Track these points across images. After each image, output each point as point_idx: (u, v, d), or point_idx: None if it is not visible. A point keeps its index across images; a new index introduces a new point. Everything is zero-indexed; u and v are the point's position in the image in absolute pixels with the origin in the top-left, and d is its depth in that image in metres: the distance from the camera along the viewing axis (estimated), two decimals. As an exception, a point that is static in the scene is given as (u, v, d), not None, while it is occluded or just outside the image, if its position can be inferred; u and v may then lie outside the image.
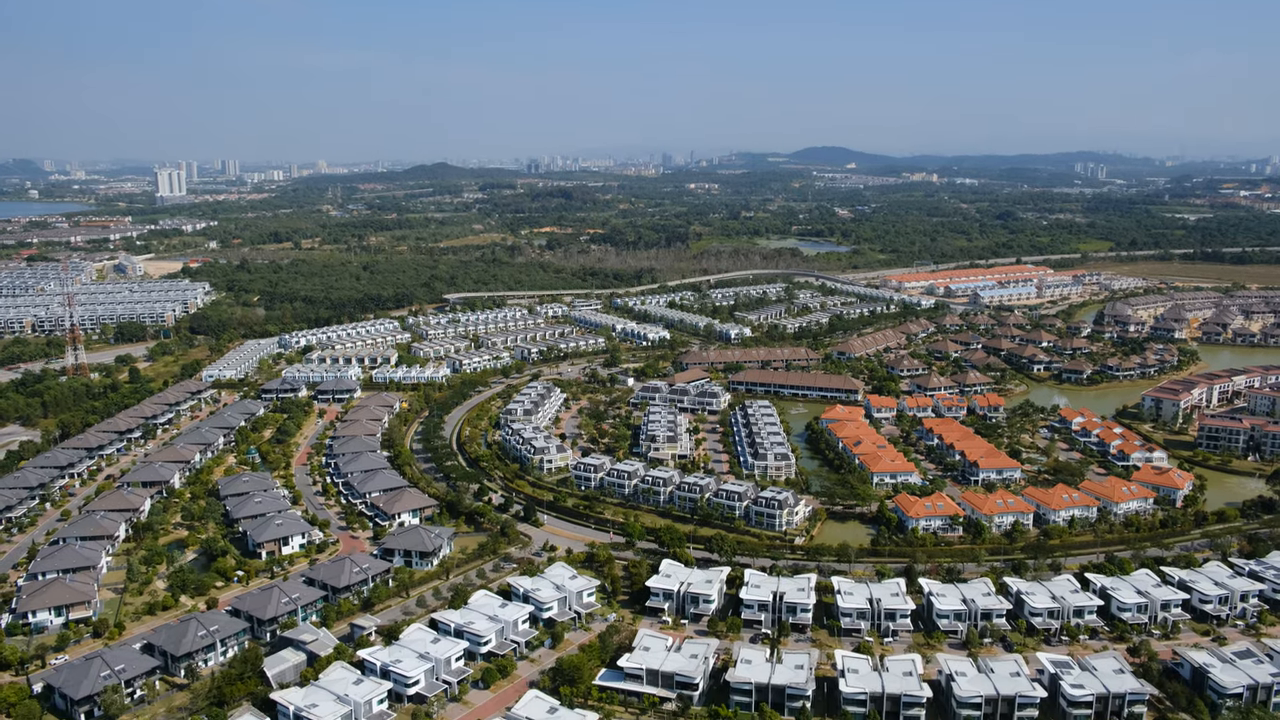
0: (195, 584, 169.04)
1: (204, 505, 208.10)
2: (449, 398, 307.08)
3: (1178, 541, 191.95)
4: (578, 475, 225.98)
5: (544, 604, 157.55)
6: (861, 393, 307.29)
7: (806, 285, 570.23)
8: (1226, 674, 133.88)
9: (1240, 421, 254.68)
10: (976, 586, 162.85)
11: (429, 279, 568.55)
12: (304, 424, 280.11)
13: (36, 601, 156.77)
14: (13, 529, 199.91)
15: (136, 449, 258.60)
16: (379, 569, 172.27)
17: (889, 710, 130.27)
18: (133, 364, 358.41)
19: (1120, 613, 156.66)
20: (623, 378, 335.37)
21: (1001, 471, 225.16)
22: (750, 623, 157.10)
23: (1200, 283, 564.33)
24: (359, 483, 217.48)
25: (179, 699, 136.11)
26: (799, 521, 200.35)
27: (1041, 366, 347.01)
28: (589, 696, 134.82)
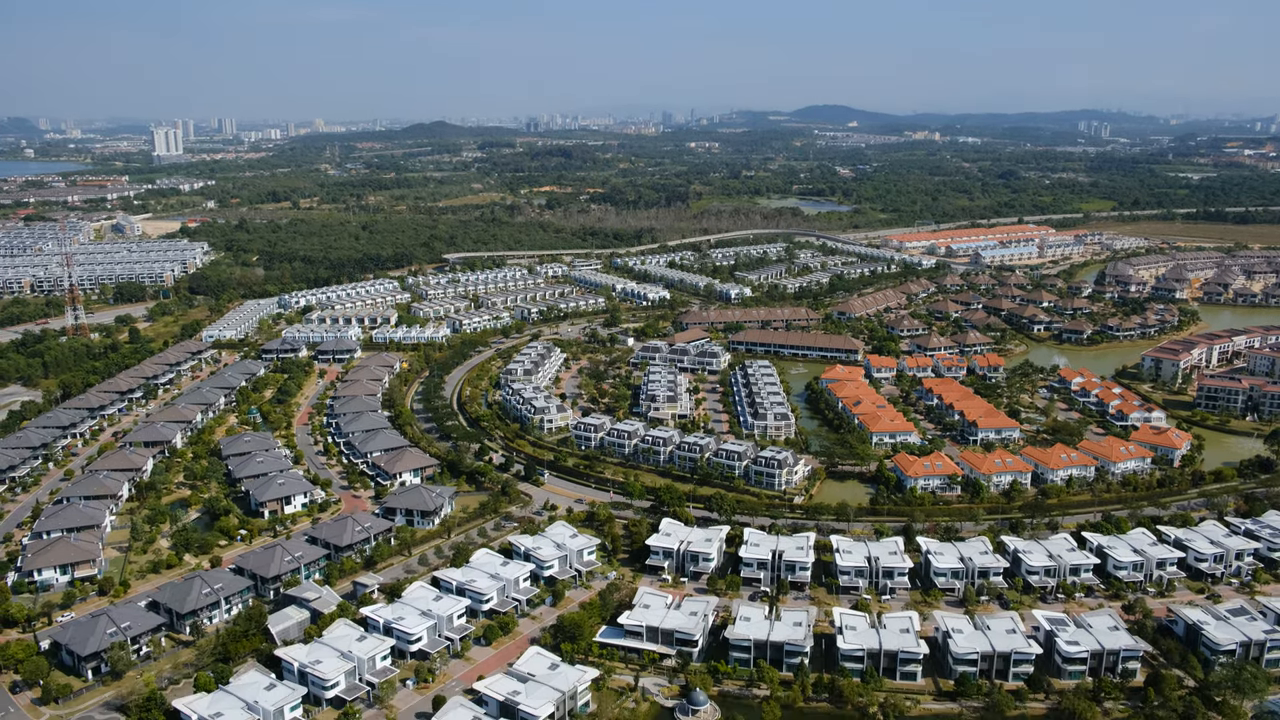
0: (199, 543, 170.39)
1: (206, 465, 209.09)
2: (449, 358, 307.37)
3: (1175, 501, 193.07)
4: (578, 435, 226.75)
5: (545, 562, 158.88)
6: (861, 353, 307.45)
7: (807, 245, 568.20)
8: (1220, 631, 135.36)
9: (1239, 382, 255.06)
10: (974, 545, 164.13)
11: (428, 239, 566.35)
12: (305, 384, 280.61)
13: (42, 560, 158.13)
14: (16, 488, 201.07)
15: (138, 409, 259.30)
16: (381, 528, 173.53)
17: (886, 667, 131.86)
18: (132, 324, 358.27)
19: (1116, 571, 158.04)
20: (623, 338, 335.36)
21: (1000, 431, 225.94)
22: (749, 581, 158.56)
23: (1203, 243, 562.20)
24: (360, 442, 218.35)
25: (185, 655, 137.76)
26: (798, 481, 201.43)
27: (1042, 326, 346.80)
28: (590, 653, 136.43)
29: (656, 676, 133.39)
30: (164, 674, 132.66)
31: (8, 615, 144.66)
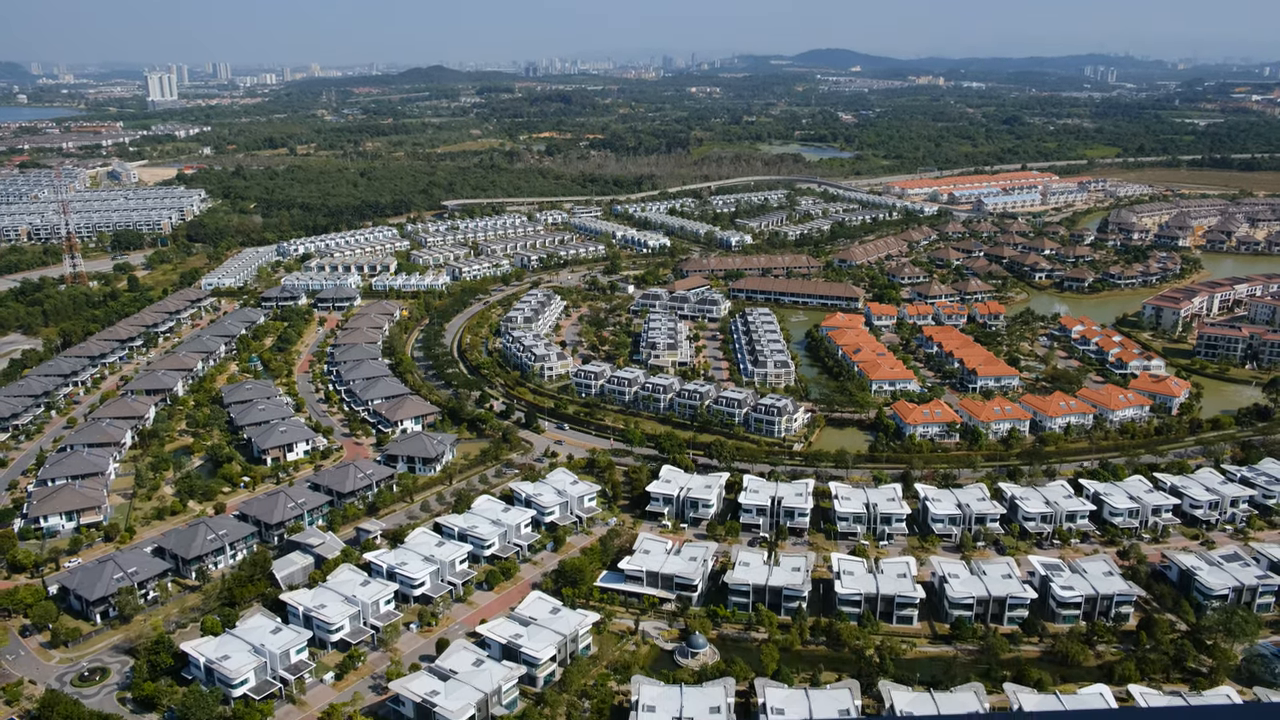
0: (203, 489, 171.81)
1: (208, 413, 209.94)
2: (449, 305, 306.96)
3: (1172, 448, 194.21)
4: (578, 382, 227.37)
5: (546, 508, 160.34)
6: (862, 300, 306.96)
7: (808, 192, 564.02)
8: (1213, 576, 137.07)
9: (1239, 330, 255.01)
10: (971, 492, 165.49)
11: (427, 185, 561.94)
12: (305, 332, 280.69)
13: (47, 506, 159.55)
14: (20, 436, 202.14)
15: (138, 357, 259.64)
16: (383, 475, 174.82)
17: (883, 611, 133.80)
18: (131, 272, 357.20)
19: (1112, 518, 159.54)
20: (623, 285, 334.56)
21: (1000, 379, 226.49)
22: (749, 526, 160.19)
23: (1207, 190, 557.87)
24: (361, 390, 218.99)
25: (191, 600, 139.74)
26: (798, 428, 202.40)
27: (1043, 274, 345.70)
28: (590, 597, 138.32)
29: (656, 620, 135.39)
30: (171, 618, 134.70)
31: (15, 561, 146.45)
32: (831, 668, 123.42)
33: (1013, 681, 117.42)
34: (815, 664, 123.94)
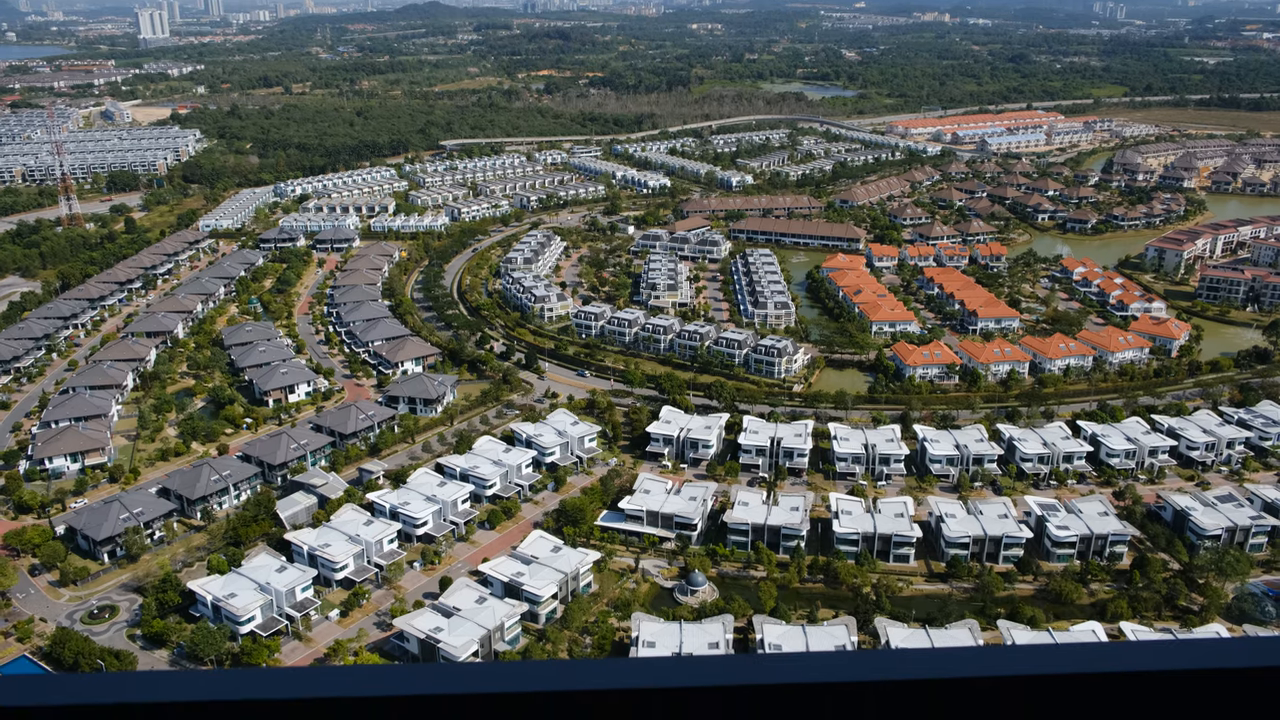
0: (205, 431, 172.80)
1: (209, 354, 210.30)
2: (448, 246, 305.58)
3: (1170, 390, 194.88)
4: (578, 323, 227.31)
5: (546, 449, 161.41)
6: (863, 241, 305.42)
7: (810, 131, 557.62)
8: (1207, 517, 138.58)
9: (1242, 272, 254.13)
10: (969, 433, 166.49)
11: (424, 125, 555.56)
12: (304, 274, 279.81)
13: (52, 448, 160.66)
14: (21, 379, 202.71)
15: (138, 299, 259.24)
16: (384, 416, 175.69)
17: (880, 549, 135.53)
18: (128, 214, 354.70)
19: (1109, 459, 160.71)
20: (623, 226, 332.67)
21: (1000, 321, 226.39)
22: (748, 467, 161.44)
23: (1214, 130, 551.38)
24: (361, 331, 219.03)
25: (197, 540, 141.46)
26: (798, 369, 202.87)
27: (1046, 216, 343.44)
28: (591, 536, 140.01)
29: (656, 559, 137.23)
30: (177, 557, 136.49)
31: (22, 502, 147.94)
32: (829, 605, 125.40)
33: (1007, 619, 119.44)
34: (813, 601, 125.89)
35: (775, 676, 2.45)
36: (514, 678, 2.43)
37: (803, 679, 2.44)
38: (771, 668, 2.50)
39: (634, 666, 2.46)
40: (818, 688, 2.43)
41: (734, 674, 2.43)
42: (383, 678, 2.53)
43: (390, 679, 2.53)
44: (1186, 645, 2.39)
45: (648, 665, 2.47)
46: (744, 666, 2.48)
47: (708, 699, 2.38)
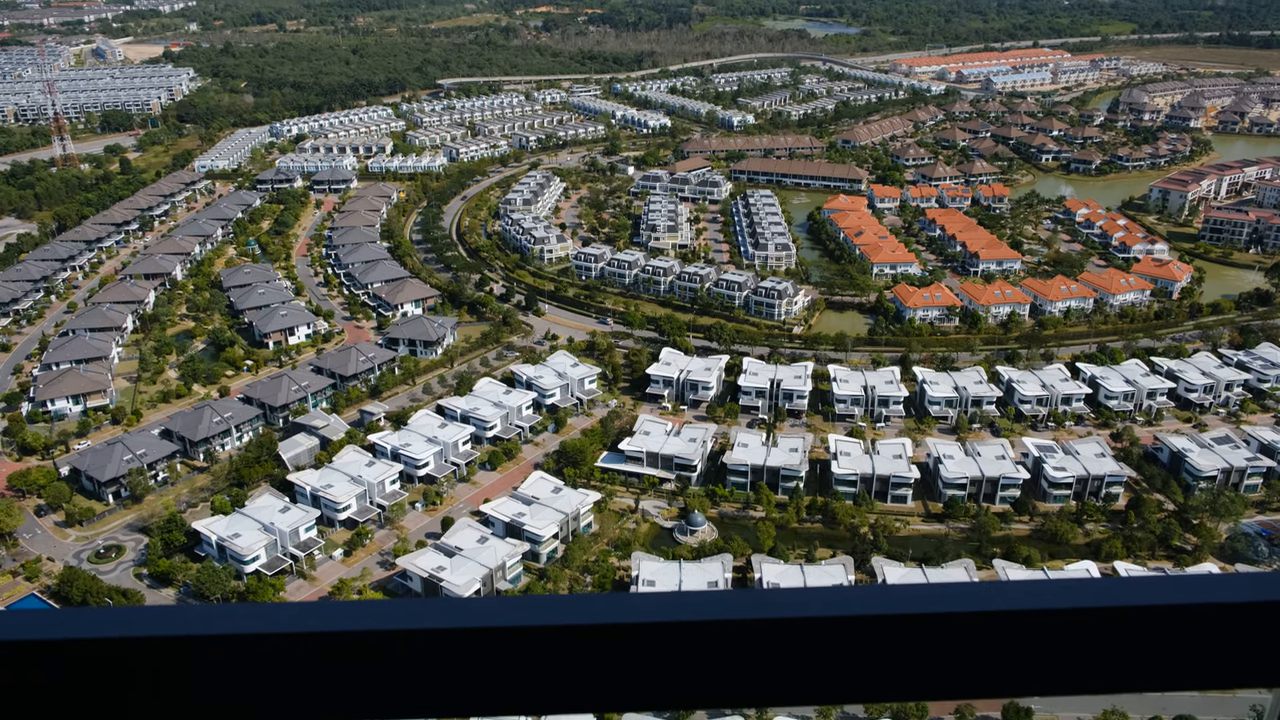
0: (206, 373, 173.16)
1: (208, 297, 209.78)
2: (446, 187, 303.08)
3: (1170, 333, 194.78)
4: (578, 265, 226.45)
5: (547, 390, 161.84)
6: (865, 182, 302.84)
7: (813, 70, 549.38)
8: (1203, 458, 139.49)
9: (1246, 214, 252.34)
10: (969, 375, 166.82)
11: (421, 63, 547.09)
12: (301, 215, 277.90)
13: (54, 390, 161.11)
14: (21, 321, 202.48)
15: (135, 241, 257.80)
16: (385, 358, 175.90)
17: (878, 490, 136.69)
18: (123, 154, 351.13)
19: (1107, 401, 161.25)
20: (623, 166, 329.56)
21: (1001, 263, 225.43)
22: (748, 408, 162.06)
23: (1223, 68, 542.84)
24: (360, 274, 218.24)
25: (200, 480, 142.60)
26: (798, 311, 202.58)
27: (1050, 156, 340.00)
28: (591, 477, 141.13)
29: (656, 499, 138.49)
30: (181, 498, 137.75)
31: (25, 444, 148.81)
32: (827, 544, 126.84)
33: (1002, 558, 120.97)
34: (811, 541, 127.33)
35: (770, 611, 2.54)
36: (517, 612, 2.51)
37: (798, 614, 2.53)
38: (766, 602, 2.59)
39: (633, 601, 2.55)
40: (813, 622, 2.52)
41: (731, 609, 2.53)
42: (391, 612, 2.57)
43: (399, 613, 2.57)
44: (1171, 581, 2.52)
45: (646, 600, 2.55)
46: (741, 601, 2.57)
47: (704, 632, 2.49)
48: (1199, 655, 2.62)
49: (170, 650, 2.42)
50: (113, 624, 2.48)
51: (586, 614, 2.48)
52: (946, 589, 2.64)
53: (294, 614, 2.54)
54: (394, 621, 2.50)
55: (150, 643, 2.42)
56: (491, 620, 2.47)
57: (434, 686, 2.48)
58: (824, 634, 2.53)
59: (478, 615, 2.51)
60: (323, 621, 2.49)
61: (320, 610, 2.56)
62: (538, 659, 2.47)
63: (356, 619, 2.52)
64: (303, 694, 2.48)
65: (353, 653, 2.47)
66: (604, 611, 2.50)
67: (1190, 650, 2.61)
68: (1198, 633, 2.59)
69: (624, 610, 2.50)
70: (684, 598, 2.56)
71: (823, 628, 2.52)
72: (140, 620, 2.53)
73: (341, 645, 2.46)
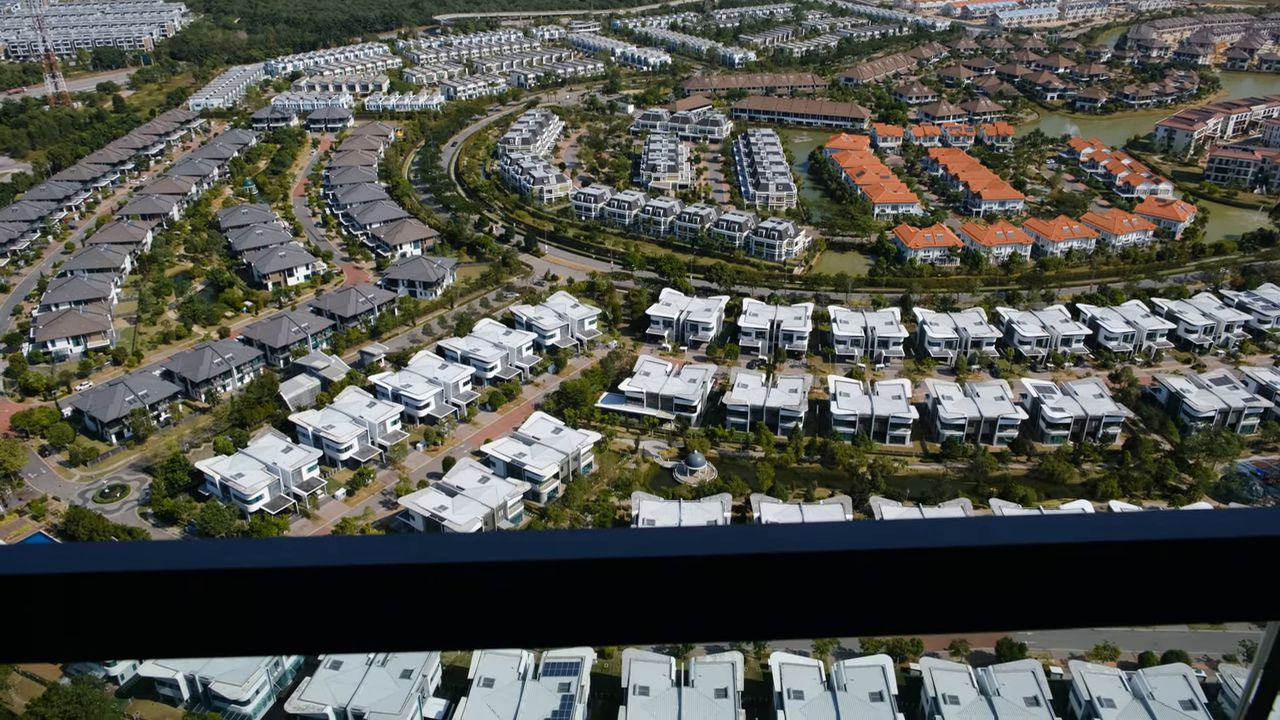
0: (205, 314, 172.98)
1: (206, 237, 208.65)
2: (444, 126, 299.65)
3: (1172, 273, 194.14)
4: (578, 205, 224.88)
5: (547, 331, 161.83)
6: (868, 121, 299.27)
7: (816, 5, 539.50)
8: (1201, 399, 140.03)
9: (1252, 153, 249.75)
10: (969, 316, 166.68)
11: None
12: (298, 154, 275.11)
13: (54, 331, 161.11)
14: (19, 261, 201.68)
15: (130, 181, 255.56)
16: (384, 299, 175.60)
17: (877, 431, 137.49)
18: (116, 92, 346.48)
19: (1107, 342, 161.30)
20: (622, 105, 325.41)
21: (1004, 203, 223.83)
22: (748, 349, 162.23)
23: (1233, 4, 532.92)
24: (359, 214, 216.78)
25: (202, 421, 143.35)
26: (798, 251, 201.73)
27: (1056, 94, 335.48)
28: (591, 418, 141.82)
29: (656, 440, 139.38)
30: (184, 438, 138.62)
31: (28, 384, 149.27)
32: (825, 484, 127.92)
33: (998, 498, 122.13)
34: (809, 481, 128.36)
35: (766, 546, 2.56)
36: (519, 547, 2.54)
37: (794, 549, 2.55)
38: (763, 537, 2.61)
39: (633, 537, 2.58)
40: (809, 556, 2.55)
41: (727, 544, 2.54)
42: (396, 547, 2.60)
43: (404, 548, 2.59)
44: (1162, 516, 2.56)
45: (644, 535, 2.59)
46: (738, 536, 2.59)
47: (701, 566, 2.52)
48: (1191, 589, 2.63)
49: (189, 582, 2.50)
50: (127, 558, 2.55)
51: (588, 549, 2.50)
52: (940, 525, 2.68)
53: (300, 548, 2.58)
54: (400, 557, 2.52)
55: (164, 577, 2.49)
56: (495, 555, 2.50)
57: (441, 620, 2.52)
58: (819, 569, 2.54)
59: (482, 550, 2.54)
60: (332, 556, 2.52)
61: (329, 545, 2.59)
62: (540, 593, 2.50)
63: (365, 554, 2.54)
64: (311, 626, 2.52)
65: (363, 586, 2.49)
66: (605, 547, 2.52)
67: (1182, 585, 2.62)
68: (1189, 567, 2.60)
69: (624, 545, 2.52)
70: (682, 533, 2.58)
71: (819, 562, 2.54)
72: (157, 555, 2.60)
73: (351, 579, 2.49)
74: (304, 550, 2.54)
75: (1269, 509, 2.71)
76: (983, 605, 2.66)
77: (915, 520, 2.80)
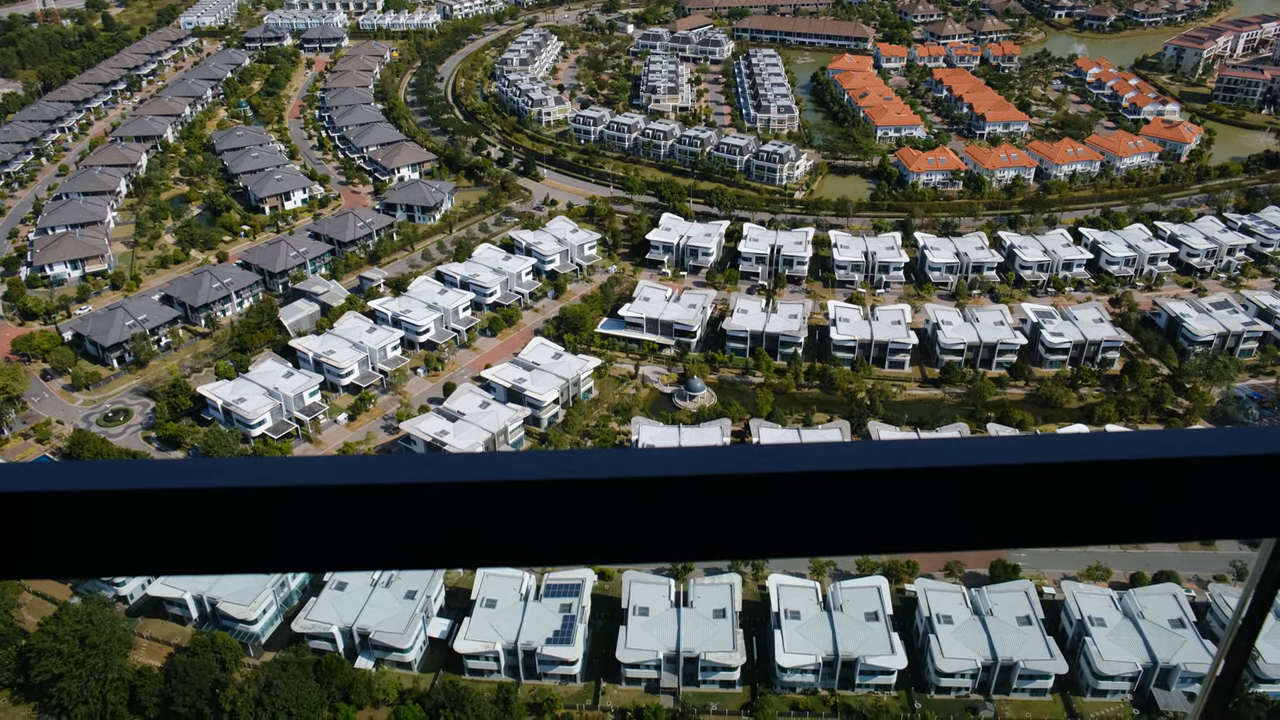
0: (203, 238, 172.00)
1: (201, 160, 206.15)
2: (441, 46, 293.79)
3: (1176, 196, 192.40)
4: (577, 128, 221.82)
5: (546, 256, 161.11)
6: (871, 41, 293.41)
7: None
8: (1200, 323, 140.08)
9: (1261, 73, 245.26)
10: (970, 240, 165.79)
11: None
12: (292, 75, 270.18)
13: (51, 255, 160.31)
14: (13, 184, 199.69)
15: (122, 101, 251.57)
16: (382, 223, 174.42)
17: (876, 356, 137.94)
18: (105, 9, 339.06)
19: (1108, 266, 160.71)
20: (622, 24, 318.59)
21: (1009, 125, 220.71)
22: (747, 274, 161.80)
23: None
24: (355, 137, 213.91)
25: (203, 346, 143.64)
26: (799, 175, 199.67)
27: (1064, 12, 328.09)
28: (591, 343, 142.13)
29: (656, 365, 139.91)
30: (185, 363, 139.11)
31: (27, 308, 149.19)
32: (824, 409, 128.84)
33: (996, 422, 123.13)
34: (808, 406, 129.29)
35: (762, 466, 2.59)
36: (520, 466, 2.59)
37: (790, 468, 2.58)
38: (759, 457, 2.65)
39: (631, 456, 2.62)
40: (804, 475, 2.59)
41: (724, 464, 2.57)
42: (400, 466, 2.63)
43: (408, 467, 2.62)
44: (1154, 436, 2.60)
45: (642, 455, 2.64)
46: (734, 456, 2.63)
47: (698, 486, 2.56)
48: (1185, 508, 2.65)
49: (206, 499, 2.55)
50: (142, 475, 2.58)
51: (587, 469, 2.53)
52: (933, 444, 2.70)
53: (306, 467, 2.60)
54: (402, 475, 2.54)
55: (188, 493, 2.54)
56: (495, 474, 2.52)
57: (443, 539, 2.57)
58: (815, 488, 2.56)
59: (482, 469, 2.56)
60: (335, 475, 2.55)
61: (332, 464, 2.61)
62: (540, 513, 2.54)
63: (368, 473, 2.56)
64: (316, 544, 2.59)
65: (367, 505, 2.54)
66: (604, 466, 2.55)
67: (1176, 503, 2.64)
68: (1183, 486, 2.61)
69: (623, 465, 2.55)
70: (680, 453, 2.62)
71: (815, 481, 2.56)
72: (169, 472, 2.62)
73: (356, 497, 2.53)
74: (310, 469, 2.56)
75: (1263, 428, 2.72)
76: (977, 524, 2.68)
77: (910, 440, 2.81)
